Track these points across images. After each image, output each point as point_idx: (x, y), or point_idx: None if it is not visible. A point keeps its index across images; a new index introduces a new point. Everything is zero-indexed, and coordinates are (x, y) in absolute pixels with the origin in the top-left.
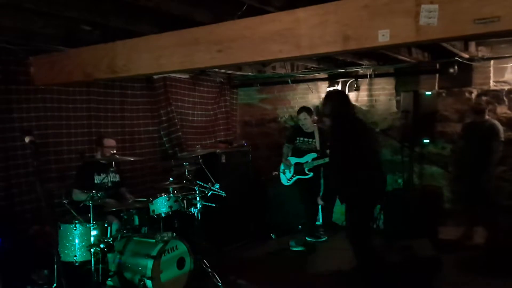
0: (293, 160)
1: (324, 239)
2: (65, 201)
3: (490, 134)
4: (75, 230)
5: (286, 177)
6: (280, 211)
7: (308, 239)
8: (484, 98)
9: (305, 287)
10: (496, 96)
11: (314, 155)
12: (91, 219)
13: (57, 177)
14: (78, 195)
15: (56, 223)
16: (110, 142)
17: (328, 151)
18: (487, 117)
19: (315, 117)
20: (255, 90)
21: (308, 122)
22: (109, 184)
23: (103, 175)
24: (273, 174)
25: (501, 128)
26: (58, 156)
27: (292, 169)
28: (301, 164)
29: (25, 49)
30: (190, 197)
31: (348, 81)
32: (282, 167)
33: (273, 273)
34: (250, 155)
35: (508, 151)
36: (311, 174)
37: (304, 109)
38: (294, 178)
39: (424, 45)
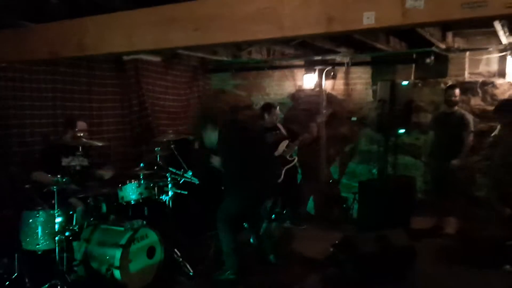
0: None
1: (303, 227)
2: (27, 186)
3: (460, 125)
4: (38, 217)
5: None
6: None
7: (289, 225)
8: (456, 89)
9: (279, 274)
10: (470, 88)
11: (285, 142)
12: (56, 205)
13: (20, 161)
14: (39, 177)
15: (18, 209)
16: (82, 125)
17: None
18: (456, 107)
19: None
20: (229, 75)
21: (268, 120)
22: (77, 168)
23: (70, 158)
24: None
25: (471, 118)
26: (21, 139)
27: None
28: (281, 156)
29: None
30: (161, 184)
31: (325, 69)
32: None
33: (247, 261)
34: None
35: (481, 142)
36: (295, 155)
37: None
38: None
39: (402, 33)
